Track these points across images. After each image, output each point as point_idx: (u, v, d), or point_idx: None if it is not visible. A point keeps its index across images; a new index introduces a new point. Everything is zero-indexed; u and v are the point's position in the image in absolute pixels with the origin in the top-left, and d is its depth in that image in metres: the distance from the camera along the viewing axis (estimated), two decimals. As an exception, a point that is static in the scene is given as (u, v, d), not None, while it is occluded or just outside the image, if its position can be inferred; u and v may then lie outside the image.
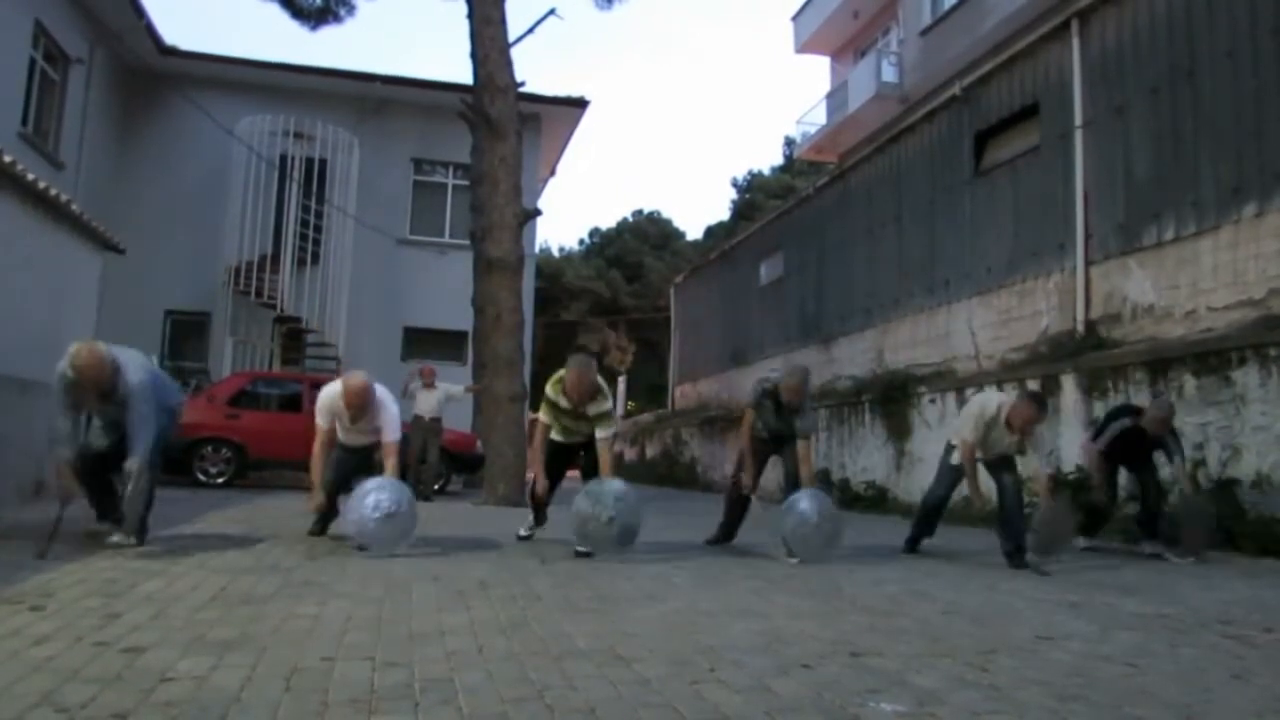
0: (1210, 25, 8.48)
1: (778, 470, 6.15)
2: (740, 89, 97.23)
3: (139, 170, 15.05)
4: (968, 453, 5.72)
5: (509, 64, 10.76)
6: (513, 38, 10.83)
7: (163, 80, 15.06)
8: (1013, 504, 5.66)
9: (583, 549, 5.18)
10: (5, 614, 2.90)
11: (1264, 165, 7.81)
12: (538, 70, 60.57)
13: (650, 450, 22.95)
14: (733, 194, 41.29)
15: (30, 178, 6.89)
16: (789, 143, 36.07)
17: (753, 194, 38.05)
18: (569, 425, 5.49)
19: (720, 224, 37.64)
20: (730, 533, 6.24)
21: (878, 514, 10.75)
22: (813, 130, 22.77)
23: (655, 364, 31.76)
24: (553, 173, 19.51)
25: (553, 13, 11.30)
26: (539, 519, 5.93)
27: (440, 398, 10.82)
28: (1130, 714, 2.31)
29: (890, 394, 11.99)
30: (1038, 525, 5.63)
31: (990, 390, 8.82)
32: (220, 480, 10.59)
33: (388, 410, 5.27)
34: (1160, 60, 9.02)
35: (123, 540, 4.63)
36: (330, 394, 5.28)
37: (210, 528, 5.95)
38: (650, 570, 4.76)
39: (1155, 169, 9.01)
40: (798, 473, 5.69)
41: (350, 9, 14.88)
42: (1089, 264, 9.66)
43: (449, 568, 4.50)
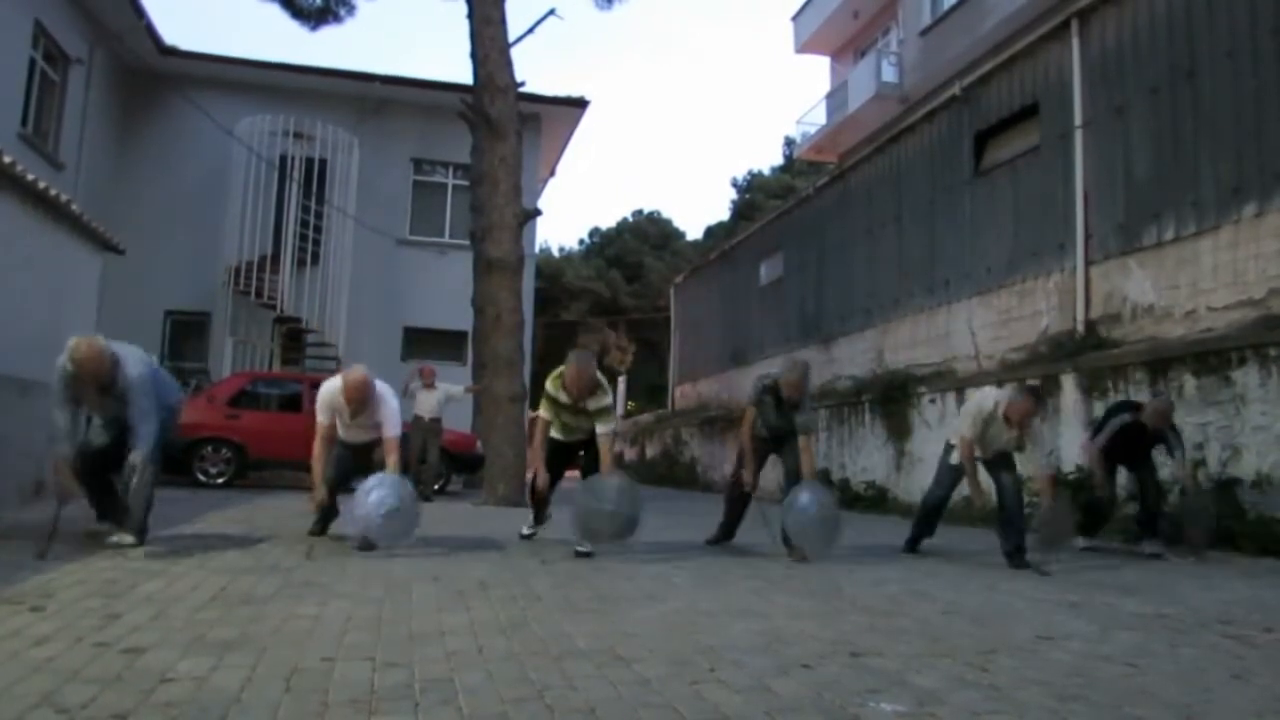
0: (1210, 25, 8.48)
1: (777, 470, 6.16)
2: (740, 89, 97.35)
3: (139, 170, 15.05)
4: (966, 450, 5.73)
5: (509, 64, 10.76)
6: (513, 38, 10.84)
7: (163, 80, 15.06)
8: (1013, 504, 5.66)
9: (583, 549, 5.19)
10: (5, 614, 2.90)
11: (1264, 165, 7.82)
12: (538, 70, 60.63)
13: (650, 450, 22.95)
14: (733, 194, 41.38)
15: (30, 178, 6.89)
16: (789, 143, 36.10)
17: (753, 194, 38.07)
18: (569, 422, 5.49)
19: (720, 224, 37.65)
20: (730, 532, 6.26)
21: (878, 514, 10.75)
22: (813, 130, 22.77)
23: (655, 364, 31.76)
24: (553, 173, 19.51)
25: (553, 13, 11.31)
26: (540, 518, 5.94)
27: (440, 398, 10.83)
28: (1130, 714, 2.31)
29: (890, 394, 11.99)
30: (1039, 524, 5.63)
31: (988, 388, 8.82)
32: (220, 480, 10.59)
33: (388, 405, 5.26)
34: (1160, 60, 9.02)
35: (123, 540, 4.62)
36: (330, 389, 5.28)
37: (210, 528, 5.95)
38: (650, 570, 4.77)
39: (1155, 169, 9.01)
40: (798, 471, 5.70)
41: (350, 9, 14.90)
42: (1089, 264, 9.66)
43: (449, 568, 4.50)
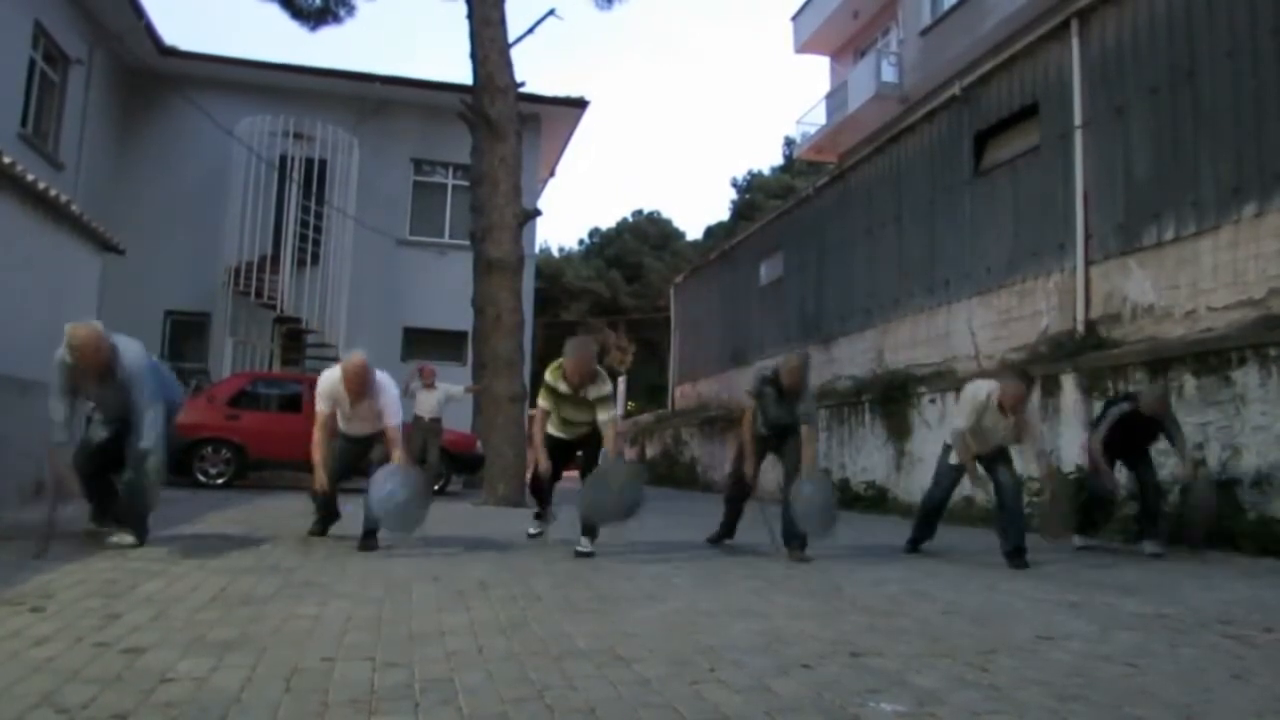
0: (1210, 25, 8.48)
1: (777, 470, 6.16)
2: (740, 89, 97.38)
3: (139, 170, 15.05)
4: (961, 442, 5.75)
5: (509, 64, 10.77)
6: (512, 38, 10.84)
7: (162, 81, 15.06)
8: (1012, 504, 5.68)
9: (583, 549, 5.19)
10: (5, 615, 2.90)
11: (1264, 165, 7.81)
12: (538, 70, 60.65)
13: (650, 450, 22.94)
14: (733, 194, 41.40)
15: (30, 178, 6.89)
16: (789, 143, 36.12)
17: (753, 194, 38.08)
18: (569, 416, 5.46)
19: (720, 224, 37.65)
20: (730, 530, 6.27)
21: (878, 514, 10.74)
22: (813, 130, 22.78)
23: (655, 364, 31.77)
24: (553, 173, 19.51)
25: (552, 13, 11.32)
26: (543, 515, 5.93)
27: (440, 398, 10.83)
28: (1130, 714, 2.31)
29: (890, 394, 11.99)
30: (1040, 512, 5.67)
31: (979, 379, 8.83)
32: (220, 481, 10.60)
33: (388, 394, 5.26)
34: (1160, 60, 9.02)
35: (123, 540, 4.62)
36: (330, 378, 5.28)
37: (210, 528, 5.95)
38: (650, 570, 4.77)
39: (1155, 169, 9.01)
40: (798, 470, 5.70)
41: (350, 9, 14.92)
42: (1089, 264, 9.66)
43: (449, 568, 4.50)
